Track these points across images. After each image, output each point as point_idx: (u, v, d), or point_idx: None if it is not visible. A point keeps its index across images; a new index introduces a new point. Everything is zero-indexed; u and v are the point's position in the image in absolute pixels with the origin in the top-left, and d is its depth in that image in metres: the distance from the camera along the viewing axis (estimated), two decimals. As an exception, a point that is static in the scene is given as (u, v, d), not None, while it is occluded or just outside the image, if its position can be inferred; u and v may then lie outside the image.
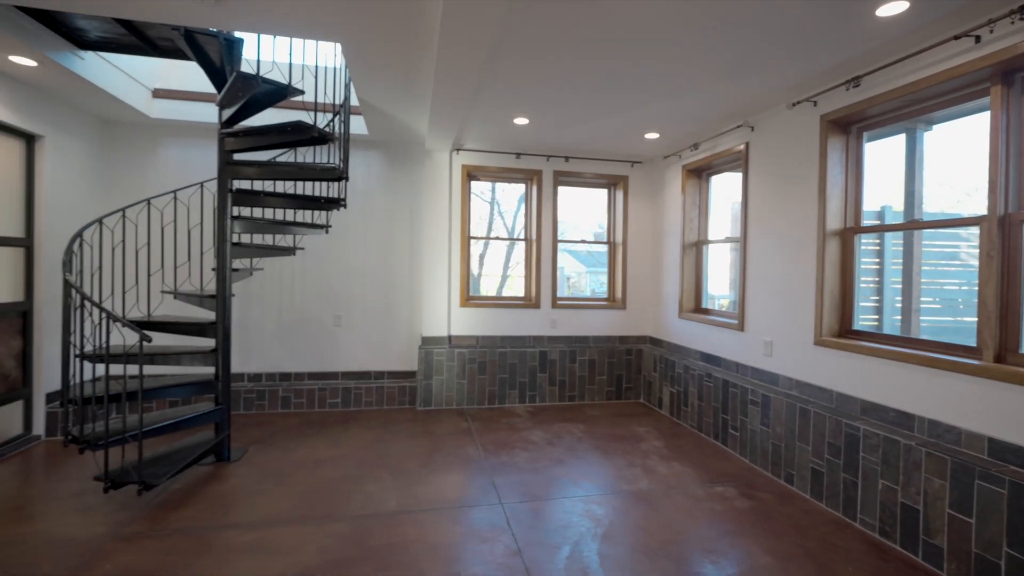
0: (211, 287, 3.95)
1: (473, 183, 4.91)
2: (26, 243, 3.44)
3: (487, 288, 5.52)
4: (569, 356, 4.70)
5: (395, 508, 2.60)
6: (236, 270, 3.42)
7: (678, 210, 4.50)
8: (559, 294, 4.90)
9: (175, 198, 3.57)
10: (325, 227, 3.81)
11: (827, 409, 2.80)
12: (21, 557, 2.10)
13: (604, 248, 5.28)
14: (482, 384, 4.52)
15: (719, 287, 4.49)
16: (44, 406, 3.50)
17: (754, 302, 3.53)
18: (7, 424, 3.29)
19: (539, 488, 2.90)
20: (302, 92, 3.23)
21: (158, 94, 4.09)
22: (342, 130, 3.50)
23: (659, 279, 4.85)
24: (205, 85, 4.11)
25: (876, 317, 3.10)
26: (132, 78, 3.81)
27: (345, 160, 3.49)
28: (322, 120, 4.08)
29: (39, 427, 3.48)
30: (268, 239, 4.17)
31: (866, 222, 2.96)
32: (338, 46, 3.34)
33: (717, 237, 4.33)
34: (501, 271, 5.93)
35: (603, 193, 5.20)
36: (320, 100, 3.84)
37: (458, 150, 4.63)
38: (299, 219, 4.17)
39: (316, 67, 3.20)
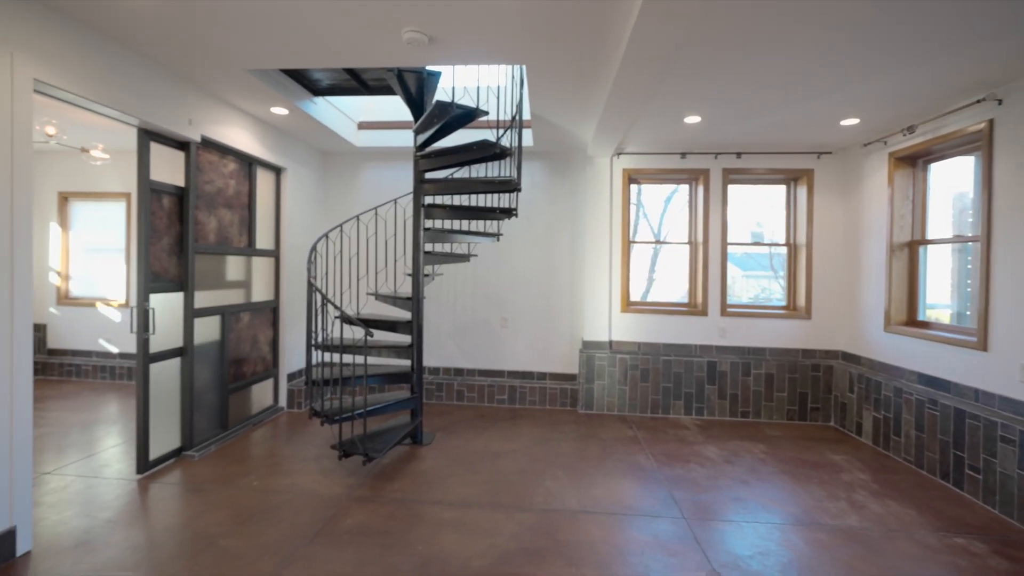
0: (403, 289, 4.53)
1: (630, 186, 4.83)
2: (275, 254, 4.34)
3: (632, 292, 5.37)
4: (742, 368, 4.34)
5: (576, 507, 2.68)
6: (426, 275, 3.87)
7: (883, 205, 3.86)
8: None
9: (376, 214, 4.17)
10: (497, 235, 4.09)
11: None
12: (289, 504, 2.65)
13: (765, 251, 4.78)
14: (645, 392, 4.42)
15: (936, 295, 3.73)
16: (286, 384, 4.37)
17: (1003, 315, 2.86)
18: (263, 397, 4.19)
19: (723, 507, 2.72)
20: (487, 113, 3.52)
21: (362, 126, 4.82)
22: (516, 144, 3.73)
23: (855, 286, 4.21)
24: (394, 115, 4.75)
25: None
26: (345, 115, 4.56)
27: (518, 172, 3.72)
28: (494, 135, 4.40)
29: (283, 400, 4.36)
30: (447, 247, 4.63)
31: None
32: (514, 66, 3.59)
33: (938, 236, 3.61)
34: (647, 274, 5.73)
35: (773, 189, 4.71)
36: (494, 117, 4.16)
37: (619, 154, 4.61)
38: (472, 229, 4.57)
39: (499, 88, 3.47)
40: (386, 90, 4.03)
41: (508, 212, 3.85)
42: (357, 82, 3.83)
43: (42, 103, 3.45)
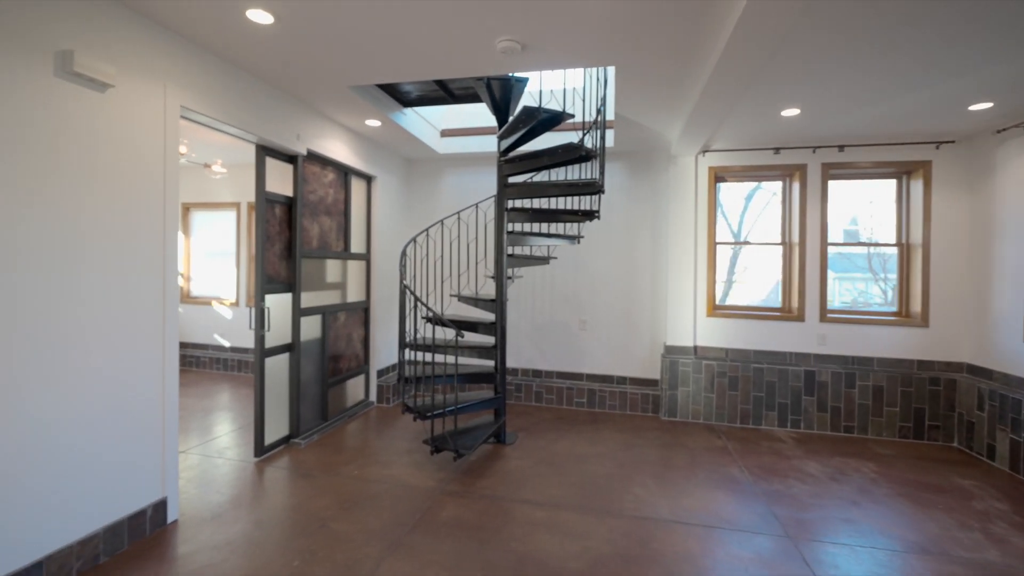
0: (483, 291, 4.64)
1: (716, 185, 4.62)
2: (366, 257, 4.61)
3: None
4: (845, 379, 4.00)
5: (668, 516, 2.61)
6: (508, 278, 3.94)
7: (1021, 199, 3.41)
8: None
9: (459, 218, 4.31)
10: (578, 237, 4.09)
11: None
12: (387, 494, 2.81)
13: (862, 251, 4.38)
14: (733, 401, 4.20)
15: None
16: (376, 380, 4.64)
17: None
18: (356, 391, 4.47)
19: (832, 528, 2.53)
20: (572, 116, 3.53)
21: (445, 133, 5.00)
22: (599, 146, 3.71)
23: (984, 291, 3.74)
24: (473, 122, 4.89)
25: None
26: (429, 123, 4.75)
27: (601, 173, 3.69)
28: (576, 137, 4.40)
29: (373, 395, 4.63)
30: (527, 249, 4.69)
31: None
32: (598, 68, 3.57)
33: (1098, 233, 3.12)
34: (726, 277, 5.44)
35: (879, 184, 4.31)
36: (579, 119, 4.16)
37: (705, 152, 4.43)
38: (552, 231, 4.59)
39: (584, 90, 3.47)
40: (471, 98, 4.16)
41: (590, 214, 3.84)
42: (444, 92, 3.99)
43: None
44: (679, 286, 4.43)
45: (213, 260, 6.10)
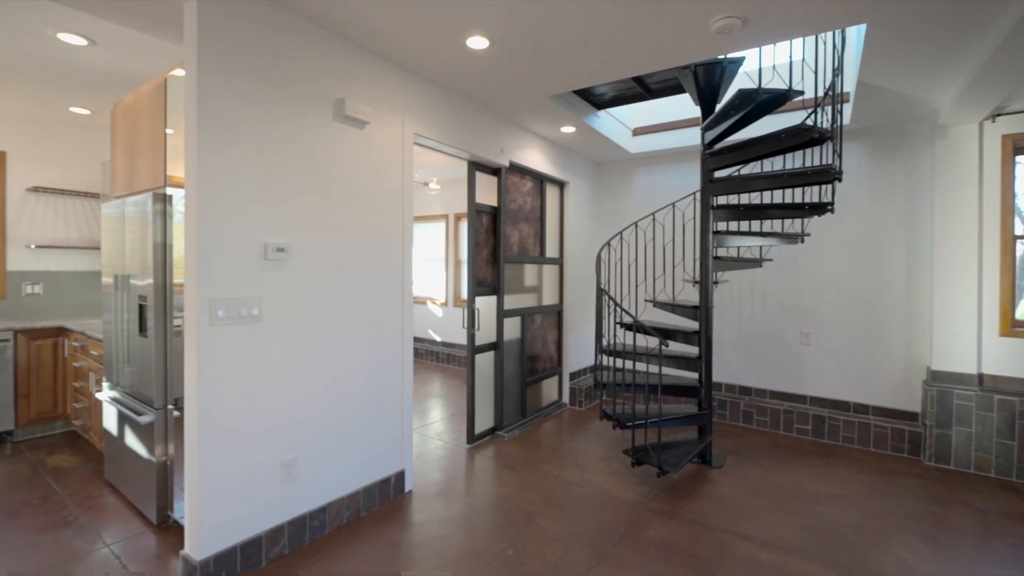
0: (681, 296, 4.32)
1: (1013, 159, 3.42)
2: (559, 262, 4.73)
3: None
4: None
5: (956, 597, 1.99)
6: (715, 283, 3.57)
7: None
8: None
9: (653, 219, 4.07)
10: (802, 236, 3.48)
11: None
12: (589, 499, 2.79)
13: None
14: (1050, 452, 3.05)
15: None
16: (568, 382, 4.72)
17: None
18: (550, 392, 4.62)
19: None
20: (802, 93, 3.02)
21: (637, 132, 4.83)
22: (835, 124, 3.09)
23: None
24: (665, 117, 4.59)
25: None
26: (620, 123, 4.63)
27: (840, 157, 3.06)
28: (795, 119, 3.78)
29: (565, 397, 4.72)
30: (732, 251, 4.21)
31: None
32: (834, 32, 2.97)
33: None
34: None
35: None
36: (803, 96, 3.56)
37: (995, 116, 3.33)
38: (765, 229, 4.02)
39: (816, 59, 2.93)
40: (669, 91, 3.92)
41: (821, 208, 3.22)
42: (641, 88, 3.83)
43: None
44: (952, 294, 3.41)
45: (427, 265, 7.05)
